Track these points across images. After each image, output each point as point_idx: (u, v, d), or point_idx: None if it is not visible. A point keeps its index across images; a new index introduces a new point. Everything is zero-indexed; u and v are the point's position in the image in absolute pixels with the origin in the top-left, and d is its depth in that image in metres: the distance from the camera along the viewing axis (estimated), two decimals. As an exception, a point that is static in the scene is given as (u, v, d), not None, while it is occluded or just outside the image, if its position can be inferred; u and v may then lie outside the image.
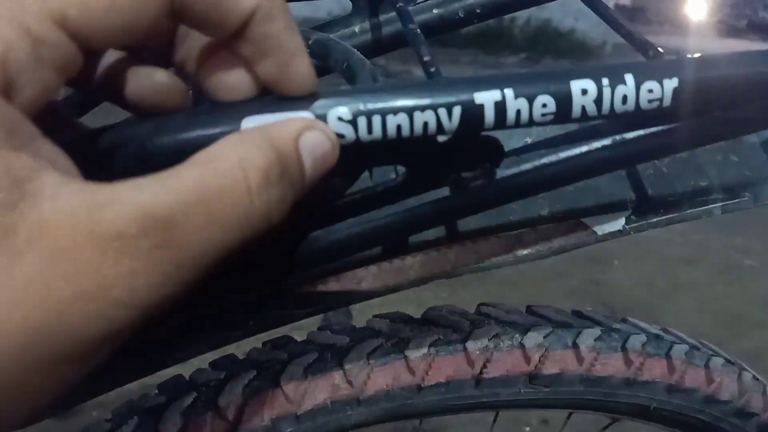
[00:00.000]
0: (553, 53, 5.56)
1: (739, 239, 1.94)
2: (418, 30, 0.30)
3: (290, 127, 0.21)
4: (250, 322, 0.32)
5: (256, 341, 0.49)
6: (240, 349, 0.48)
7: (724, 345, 0.56)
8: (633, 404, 0.50)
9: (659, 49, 0.28)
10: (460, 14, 0.40)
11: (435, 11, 0.40)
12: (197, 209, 0.18)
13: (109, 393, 0.34)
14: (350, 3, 0.41)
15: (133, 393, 0.47)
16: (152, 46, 0.25)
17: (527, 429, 1.20)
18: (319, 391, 0.42)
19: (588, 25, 5.57)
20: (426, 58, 0.28)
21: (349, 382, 0.43)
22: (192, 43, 0.25)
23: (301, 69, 0.23)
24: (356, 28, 0.40)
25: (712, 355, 0.53)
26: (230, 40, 0.23)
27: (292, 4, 0.25)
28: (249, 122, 0.23)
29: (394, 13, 0.40)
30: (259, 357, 0.45)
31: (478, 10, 0.40)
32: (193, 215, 0.18)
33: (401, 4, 0.35)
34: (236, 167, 0.19)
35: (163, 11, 0.21)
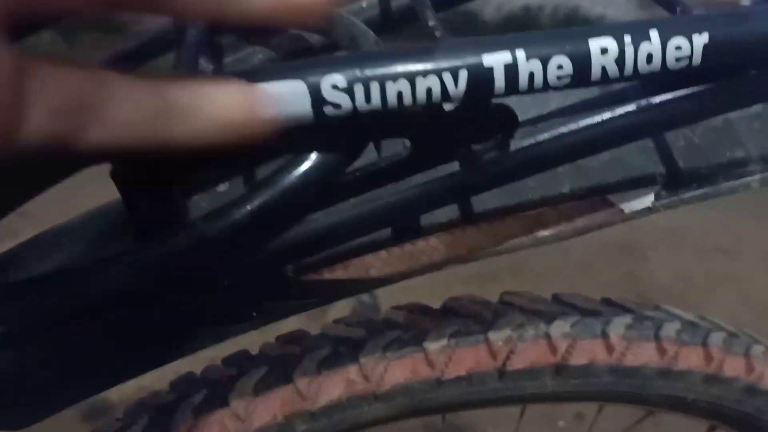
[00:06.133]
0: (581, 42, 5.44)
1: (780, 227, 1.88)
2: None
3: None
4: (254, 314, 0.30)
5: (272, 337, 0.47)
6: (256, 344, 0.46)
7: (769, 338, 0.53)
8: (668, 396, 0.48)
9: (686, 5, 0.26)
10: None
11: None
12: None
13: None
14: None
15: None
16: None
17: (561, 423, 1.17)
18: (333, 386, 0.41)
19: (618, 12, 5.45)
20: (431, 23, 0.26)
21: (365, 377, 0.41)
22: None
23: None
24: (363, 3, 0.38)
25: (752, 342, 0.50)
26: None
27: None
28: None
29: None
30: (272, 352, 0.43)
31: None
32: None
33: None
34: None
35: None
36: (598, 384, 0.45)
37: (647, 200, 0.31)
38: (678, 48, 0.22)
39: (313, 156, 0.23)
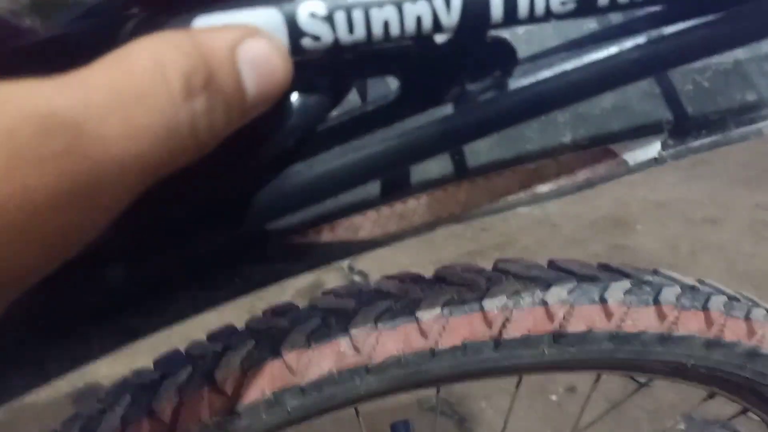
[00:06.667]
0: None
1: (766, 197, 1.88)
2: None
3: (225, 34, 0.17)
4: (236, 280, 0.28)
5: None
6: (242, 319, 0.44)
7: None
8: (668, 362, 0.46)
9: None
10: None
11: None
12: (113, 114, 0.14)
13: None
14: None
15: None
16: None
17: (554, 398, 1.17)
18: (323, 359, 0.39)
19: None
20: None
21: (356, 349, 0.39)
22: None
23: None
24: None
25: (752, 305, 0.48)
26: None
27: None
28: (200, 22, 0.18)
29: None
30: (259, 326, 0.41)
31: None
32: (109, 121, 0.14)
33: None
34: (152, 69, 0.15)
35: None
36: (596, 351, 0.44)
37: (653, 150, 0.29)
38: None
39: (292, 98, 0.21)
